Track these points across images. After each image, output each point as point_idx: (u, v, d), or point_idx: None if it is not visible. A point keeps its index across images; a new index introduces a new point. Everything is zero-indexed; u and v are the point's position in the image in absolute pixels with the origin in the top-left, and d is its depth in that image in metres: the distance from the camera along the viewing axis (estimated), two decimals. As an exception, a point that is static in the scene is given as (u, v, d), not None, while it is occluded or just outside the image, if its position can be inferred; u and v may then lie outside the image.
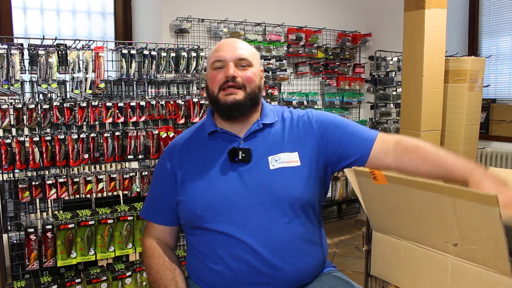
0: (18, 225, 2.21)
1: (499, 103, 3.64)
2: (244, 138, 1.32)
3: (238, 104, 1.28)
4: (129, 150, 2.36)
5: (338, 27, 4.26)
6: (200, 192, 1.28)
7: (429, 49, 2.05)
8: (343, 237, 4.00)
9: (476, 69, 2.17)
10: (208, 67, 1.35)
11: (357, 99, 4.29)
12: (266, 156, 1.29)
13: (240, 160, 1.27)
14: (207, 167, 1.30)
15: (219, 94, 1.29)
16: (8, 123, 2.11)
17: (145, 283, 2.36)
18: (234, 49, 1.31)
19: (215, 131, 1.34)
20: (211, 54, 1.34)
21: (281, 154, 1.30)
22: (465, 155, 2.20)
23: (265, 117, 1.36)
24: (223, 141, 1.33)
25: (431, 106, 2.11)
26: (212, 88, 1.31)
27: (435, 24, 2.05)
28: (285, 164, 1.28)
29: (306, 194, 1.28)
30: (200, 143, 1.36)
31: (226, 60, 1.29)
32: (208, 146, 1.34)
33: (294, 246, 1.25)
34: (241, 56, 1.30)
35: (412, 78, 2.12)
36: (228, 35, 3.60)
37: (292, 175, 1.27)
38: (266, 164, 1.28)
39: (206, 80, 1.37)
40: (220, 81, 1.29)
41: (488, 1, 3.75)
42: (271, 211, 1.23)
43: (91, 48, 2.31)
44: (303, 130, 1.35)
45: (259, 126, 1.33)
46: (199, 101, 2.57)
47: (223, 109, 1.29)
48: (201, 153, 1.34)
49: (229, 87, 1.28)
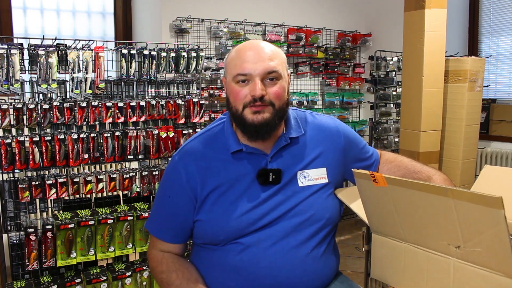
0: (18, 225, 2.20)
1: (499, 103, 3.64)
2: (271, 155, 1.22)
3: (267, 124, 1.16)
4: (129, 150, 2.36)
5: (338, 27, 4.26)
6: (226, 215, 1.18)
7: (429, 49, 2.05)
8: (343, 237, 4.00)
9: (476, 69, 2.17)
10: (229, 76, 1.20)
11: (357, 99, 4.29)
12: (295, 171, 1.23)
13: (270, 182, 1.20)
14: (234, 188, 1.20)
15: (244, 112, 1.16)
16: (8, 123, 2.11)
17: (145, 283, 2.36)
18: (262, 59, 1.15)
19: (240, 149, 1.22)
20: (233, 63, 1.19)
21: (309, 170, 1.24)
22: (465, 155, 2.20)
23: (291, 129, 1.26)
24: (249, 160, 1.22)
25: (431, 106, 2.11)
26: (236, 105, 1.18)
27: (435, 24, 2.05)
28: (313, 182, 1.23)
29: (333, 213, 1.26)
30: (223, 160, 1.22)
31: (252, 75, 1.15)
32: (234, 165, 1.22)
33: (314, 265, 1.22)
34: (270, 69, 1.15)
35: (412, 78, 2.12)
36: (228, 35, 3.60)
37: (321, 193, 1.24)
38: (295, 181, 1.22)
39: (226, 91, 1.23)
40: (245, 98, 1.16)
41: (488, 1, 3.75)
42: (297, 231, 1.20)
43: (91, 48, 2.31)
44: (331, 144, 1.30)
45: (286, 141, 1.24)
46: (199, 101, 2.57)
47: (250, 129, 1.17)
48: (226, 172, 1.21)
49: (255, 105, 1.15)
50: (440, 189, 0.94)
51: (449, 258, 1.00)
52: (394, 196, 1.05)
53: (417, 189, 0.99)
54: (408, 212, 1.04)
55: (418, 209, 1.01)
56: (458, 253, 0.98)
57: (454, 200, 0.92)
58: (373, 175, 1.06)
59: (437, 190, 0.95)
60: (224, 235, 1.19)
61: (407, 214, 1.05)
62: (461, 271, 0.98)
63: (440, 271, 1.02)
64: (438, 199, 0.95)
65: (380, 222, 1.14)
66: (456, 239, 0.97)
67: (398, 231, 1.09)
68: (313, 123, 1.32)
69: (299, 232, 1.20)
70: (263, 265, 1.17)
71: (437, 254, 1.02)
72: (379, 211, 1.12)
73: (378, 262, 1.18)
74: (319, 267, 1.23)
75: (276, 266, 1.17)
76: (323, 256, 1.24)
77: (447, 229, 0.97)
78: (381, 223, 1.14)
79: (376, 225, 1.16)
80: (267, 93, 1.15)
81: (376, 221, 1.15)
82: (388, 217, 1.09)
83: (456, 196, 0.92)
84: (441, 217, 0.97)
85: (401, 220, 1.07)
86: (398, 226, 1.08)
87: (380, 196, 1.08)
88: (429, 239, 1.03)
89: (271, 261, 1.17)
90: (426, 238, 1.04)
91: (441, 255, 1.01)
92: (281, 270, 1.17)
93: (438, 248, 1.02)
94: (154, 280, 2.39)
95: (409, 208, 1.03)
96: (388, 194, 1.05)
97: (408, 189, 1.01)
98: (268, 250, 1.18)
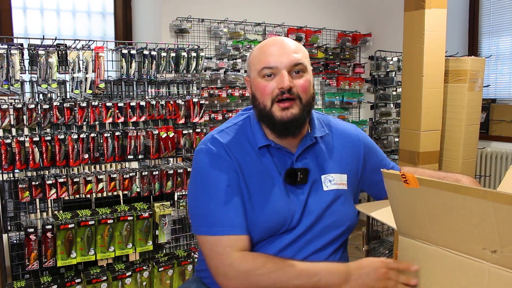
0: (18, 225, 2.20)
1: (499, 103, 3.64)
2: (297, 155, 1.21)
3: (296, 120, 1.15)
4: (129, 150, 2.36)
5: (338, 27, 4.26)
6: (255, 211, 1.15)
7: (429, 49, 2.05)
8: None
9: (476, 69, 2.16)
10: (254, 72, 1.18)
11: (357, 99, 4.29)
12: (319, 175, 1.22)
13: (298, 182, 1.18)
14: (262, 184, 1.17)
15: (272, 108, 1.15)
16: (8, 123, 2.11)
17: (145, 283, 2.36)
18: (287, 53, 1.15)
19: (268, 145, 1.20)
20: (258, 58, 1.18)
21: (333, 174, 1.23)
22: (465, 155, 2.20)
23: (315, 128, 1.25)
24: (276, 157, 1.20)
25: (431, 106, 2.11)
26: (264, 101, 1.16)
27: (435, 24, 2.05)
28: (337, 186, 1.23)
29: (352, 221, 1.25)
30: (252, 154, 1.20)
31: (278, 68, 1.14)
32: (261, 161, 1.19)
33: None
34: (296, 61, 1.14)
35: (412, 78, 2.11)
36: (228, 35, 3.60)
37: (343, 200, 1.23)
38: (319, 184, 1.21)
39: (252, 88, 1.21)
40: (273, 92, 1.14)
41: (488, 1, 3.75)
42: (320, 236, 1.19)
43: (91, 48, 2.31)
44: (352, 151, 1.30)
45: (312, 141, 1.23)
46: (199, 101, 2.57)
47: (279, 126, 1.15)
48: (254, 167, 1.18)
49: (284, 100, 1.14)
50: (478, 191, 0.90)
51: (484, 263, 0.95)
52: (426, 198, 1.01)
53: (452, 191, 0.94)
54: (440, 214, 1.00)
55: (451, 212, 0.97)
56: (494, 258, 0.93)
57: (493, 202, 0.88)
58: (404, 176, 1.02)
59: (474, 192, 0.90)
60: (255, 233, 1.14)
61: (439, 216, 1.01)
62: (496, 277, 0.93)
63: (474, 276, 0.97)
64: (475, 201, 0.90)
65: (409, 224, 1.09)
66: (492, 243, 0.92)
67: (428, 233, 1.05)
68: (335, 127, 1.32)
69: (322, 237, 1.20)
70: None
71: (471, 258, 0.98)
72: (408, 213, 1.07)
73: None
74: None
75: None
76: (339, 261, 1.23)
77: (483, 233, 0.93)
78: (409, 225, 1.10)
79: (404, 227, 1.11)
80: (294, 85, 1.14)
81: (404, 223, 1.11)
82: (418, 219, 1.05)
83: (495, 199, 0.87)
84: (477, 220, 0.93)
85: (432, 223, 1.03)
86: (429, 229, 1.04)
87: (410, 197, 1.04)
88: (462, 242, 0.99)
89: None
90: (458, 242, 0.99)
91: (475, 259, 0.97)
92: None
93: (471, 252, 0.97)
94: (154, 280, 2.39)
95: (442, 210, 0.99)
96: (420, 195, 1.01)
97: (442, 191, 0.96)
98: (296, 255, 1.17)
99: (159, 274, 2.38)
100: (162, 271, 2.38)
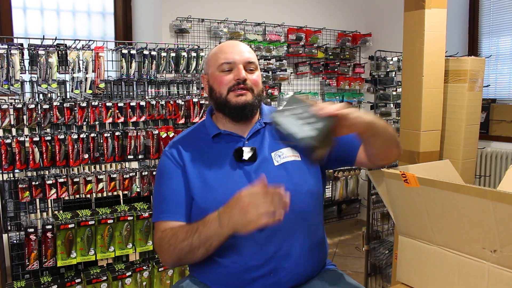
0: (18, 225, 2.20)
1: (499, 103, 3.64)
2: (248, 138, 1.34)
3: (249, 104, 1.31)
4: (129, 150, 2.36)
5: (338, 27, 4.26)
6: (210, 192, 1.27)
7: (429, 49, 2.05)
8: (343, 237, 4.00)
9: (476, 69, 2.16)
10: (212, 68, 1.35)
11: (357, 99, 4.29)
12: (270, 153, 1.32)
13: (246, 160, 1.29)
14: (215, 168, 1.31)
15: (228, 95, 1.31)
16: (8, 123, 2.11)
17: (145, 283, 2.36)
18: (242, 52, 1.34)
19: (219, 133, 1.36)
20: (216, 56, 1.35)
21: (283, 149, 1.33)
22: (465, 155, 2.20)
23: (265, 116, 1.39)
24: (227, 142, 1.35)
25: (431, 106, 2.11)
26: (220, 90, 1.32)
27: (435, 24, 2.05)
28: (288, 159, 1.32)
29: (311, 186, 1.32)
30: (205, 145, 1.36)
31: (235, 63, 1.32)
32: (214, 148, 1.35)
33: (300, 243, 1.27)
34: (250, 60, 1.33)
35: (412, 78, 2.11)
36: (228, 35, 3.60)
37: (296, 169, 1.31)
38: (270, 161, 1.31)
39: (209, 81, 1.37)
40: (229, 83, 1.31)
41: (488, 1, 3.75)
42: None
43: (91, 48, 2.31)
44: None
45: (261, 125, 1.37)
46: (199, 101, 2.57)
47: (234, 110, 1.31)
48: (206, 155, 1.33)
49: (239, 89, 1.31)
50: (478, 191, 0.90)
51: (484, 262, 0.95)
52: (426, 197, 1.01)
53: (453, 190, 0.95)
54: (440, 214, 1.00)
55: (451, 211, 0.98)
56: (494, 257, 0.93)
57: (493, 202, 0.88)
58: (404, 175, 1.03)
59: (474, 192, 0.91)
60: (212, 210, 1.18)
61: (439, 216, 1.01)
62: (496, 276, 0.93)
63: (473, 276, 0.97)
64: (475, 200, 0.91)
65: (409, 224, 1.09)
66: (492, 243, 0.93)
67: (428, 233, 1.06)
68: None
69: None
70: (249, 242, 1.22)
71: (470, 258, 0.98)
72: (408, 212, 1.08)
73: (405, 265, 1.14)
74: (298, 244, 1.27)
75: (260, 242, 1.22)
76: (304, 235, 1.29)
77: (483, 232, 0.93)
78: (409, 225, 1.10)
79: (403, 226, 1.11)
80: (248, 78, 1.31)
81: (404, 222, 1.11)
82: (417, 218, 1.06)
83: (495, 198, 0.88)
84: (477, 219, 0.93)
85: (432, 222, 1.03)
86: (428, 228, 1.05)
87: (410, 197, 1.04)
88: (462, 242, 0.99)
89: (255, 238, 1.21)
90: (458, 241, 1.00)
91: (474, 259, 0.97)
92: (268, 245, 1.23)
93: (471, 252, 0.98)
94: (154, 280, 2.39)
95: (442, 209, 1.00)
96: (420, 195, 1.02)
97: (442, 190, 0.97)
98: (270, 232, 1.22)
99: (159, 274, 2.38)
100: (162, 271, 2.38)
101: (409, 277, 1.13)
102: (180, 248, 1.19)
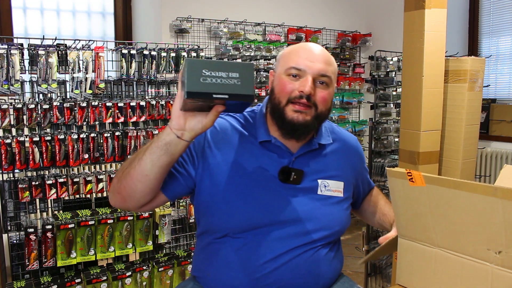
0: (18, 225, 2.20)
1: (499, 103, 3.64)
2: (296, 156, 1.21)
3: (306, 125, 1.15)
4: (129, 150, 2.36)
5: (338, 27, 4.26)
6: (242, 206, 1.16)
7: (429, 49, 2.05)
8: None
9: (476, 69, 2.16)
10: (280, 68, 1.19)
11: (357, 99, 4.29)
12: (316, 179, 1.23)
13: (290, 182, 1.19)
14: (253, 176, 1.18)
15: (286, 106, 1.15)
16: (8, 123, 2.11)
17: (145, 283, 2.36)
18: (318, 60, 1.15)
19: (269, 141, 1.21)
20: (288, 56, 1.18)
21: (330, 180, 1.24)
22: (465, 155, 2.20)
23: (321, 136, 1.26)
24: (274, 153, 1.21)
25: (431, 106, 2.11)
26: (280, 98, 1.16)
27: (435, 24, 2.05)
28: (331, 193, 1.24)
29: (342, 227, 1.27)
30: (250, 143, 1.21)
31: (305, 71, 1.14)
32: (259, 154, 1.20)
33: (318, 270, 1.22)
34: (324, 72, 1.15)
35: (412, 78, 2.11)
36: (228, 35, 3.60)
37: (336, 206, 1.25)
38: (315, 188, 1.22)
39: (274, 81, 1.21)
40: (292, 93, 1.14)
41: (488, 1, 3.75)
42: (305, 234, 1.19)
43: (91, 48, 2.31)
44: (350, 158, 1.33)
45: (315, 146, 1.23)
46: (199, 101, 2.57)
47: (287, 126, 1.15)
48: (249, 157, 1.20)
49: (300, 104, 1.14)
50: (488, 188, 0.88)
51: (487, 264, 0.93)
52: (431, 197, 0.99)
53: (462, 189, 0.92)
54: (445, 214, 0.98)
55: (457, 211, 0.95)
56: (498, 259, 0.90)
57: (502, 200, 0.85)
58: (410, 174, 1.01)
59: (484, 190, 0.88)
60: (236, 222, 1.15)
61: (443, 216, 0.99)
62: (500, 279, 0.90)
63: (476, 279, 0.95)
64: (484, 199, 0.88)
65: (410, 225, 1.07)
66: (498, 244, 0.90)
67: (430, 235, 1.03)
68: (338, 134, 1.34)
69: (309, 235, 1.20)
70: (268, 259, 1.16)
71: (473, 260, 0.95)
72: (410, 213, 1.05)
73: (405, 268, 1.12)
74: (322, 268, 1.23)
75: (280, 263, 1.17)
76: (334, 259, 1.26)
77: (489, 232, 0.91)
78: (410, 227, 1.08)
79: (404, 228, 1.09)
80: (315, 94, 1.14)
81: (405, 224, 1.09)
82: (420, 220, 1.04)
83: (505, 196, 0.85)
84: (484, 218, 0.90)
85: (435, 223, 1.01)
86: (431, 230, 1.03)
87: (414, 197, 1.02)
88: (465, 243, 0.96)
89: (276, 256, 1.16)
90: (462, 243, 0.97)
91: (477, 261, 0.94)
92: (286, 268, 1.17)
93: (475, 254, 0.95)
94: (154, 280, 2.39)
95: (447, 209, 0.97)
96: (424, 194, 0.99)
97: (449, 189, 0.94)
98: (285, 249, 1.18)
99: (159, 274, 2.38)
100: (162, 271, 2.38)
101: (409, 280, 1.12)
102: (120, 169, 1.09)
